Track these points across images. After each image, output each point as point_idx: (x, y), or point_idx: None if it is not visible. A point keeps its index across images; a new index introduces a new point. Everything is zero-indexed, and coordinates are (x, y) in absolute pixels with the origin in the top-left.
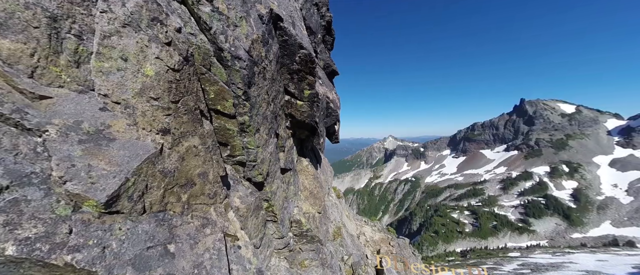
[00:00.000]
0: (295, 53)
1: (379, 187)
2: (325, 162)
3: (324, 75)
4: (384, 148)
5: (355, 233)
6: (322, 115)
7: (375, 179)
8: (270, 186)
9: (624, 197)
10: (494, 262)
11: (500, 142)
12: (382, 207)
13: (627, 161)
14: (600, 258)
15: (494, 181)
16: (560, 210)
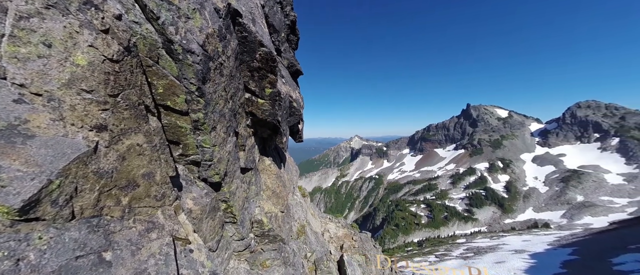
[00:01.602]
0: (255, 50)
1: (345, 185)
2: (290, 161)
3: (288, 74)
4: (351, 147)
5: (319, 230)
6: (284, 114)
7: (342, 178)
8: (228, 186)
9: (542, 187)
10: (445, 249)
11: (451, 141)
12: (348, 204)
13: (544, 158)
14: (525, 238)
15: (445, 177)
16: (496, 200)
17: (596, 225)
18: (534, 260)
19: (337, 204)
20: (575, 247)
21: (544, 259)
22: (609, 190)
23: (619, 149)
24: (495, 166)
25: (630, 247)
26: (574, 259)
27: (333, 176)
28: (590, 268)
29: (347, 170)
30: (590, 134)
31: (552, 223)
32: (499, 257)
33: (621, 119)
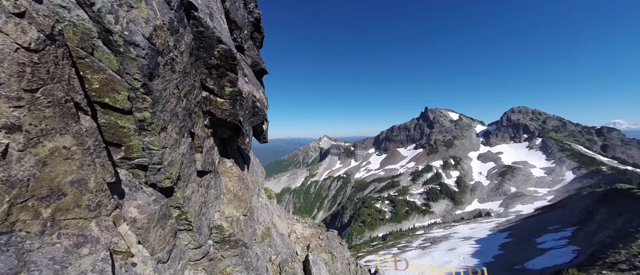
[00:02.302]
0: (213, 47)
1: (314, 184)
2: (255, 162)
3: (251, 73)
4: (320, 147)
5: (286, 232)
6: (247, 114)
7: (311, 178)
8: (182, 191)
9: (485, 181)
10: (406, 241)
11: (411, 141)
12: (318, 204)
13: (487, 155)
14: (472, 226)
15: (406, 174)
16: (449, 194)
17: (525, 211)
18: (479, 245)
19: (306, 204)
20: (509, 231)
21: (486, 243)
22: (534, 181)
23: (541, 147)
24: (448, 163)
25: (549, 228)
26: (508, 241)
27: (302, 176)
28: (521, 248)
29: (316, 170)
30: (520, 134)
31: (492, 212)
32: (451, 245)
33: (543, 123)
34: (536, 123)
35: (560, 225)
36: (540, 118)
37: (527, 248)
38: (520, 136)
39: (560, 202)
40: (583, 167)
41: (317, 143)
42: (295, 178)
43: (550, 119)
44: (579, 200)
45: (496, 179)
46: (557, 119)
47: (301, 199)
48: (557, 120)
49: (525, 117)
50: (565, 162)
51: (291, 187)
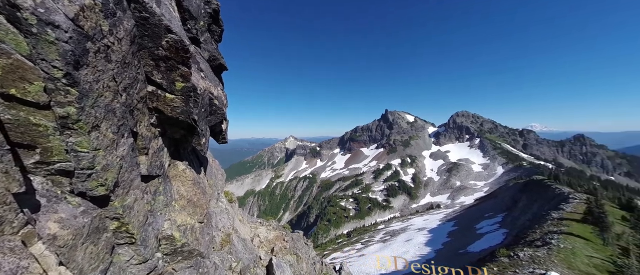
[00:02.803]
0: (160, 36)
1: (280, 186)
2: (214, 164)
3: (208, 68)
4: (286, 148)
5: (248, 236)
6: (203, 112)
7: (277, 179)
8: (121, 200)
9: (436, 176)
10: (369, 236)
11: (373, 142)
12: (283, 205)
13: (437, 154)
14: (425, 218)
15: (369, 172)
16: (406, 189)
17: (467, 202)
18: (431, 234)
19: (272, 206)
20: (455, 220)
21: (437, 232)
22: (474, 176)
23: (479, 146)
24: (405, 162)
25: (485, 215)
26: (454, 229)
27: (267, 178)
28: (464, 234)
29: (281, 171)
30: (464, 135)
31: (442, 204)
32: (408, 236)
33: (480, 125)
34: (475, 125)
35: (493, 212)
36: (479, 121)
37: (468, 234)
38: (463, 136)
39: (493, 193)
40: (510, 162)
41: (282, 143)
42: (259, 180)
43: (486, 122)
44: (507, 191)
45: (445, 174)
46: (491, 122)
47: (266, 201)
48: (490, 123)
49: (467, 120)
50: (497, 158)
51: (255, 189)
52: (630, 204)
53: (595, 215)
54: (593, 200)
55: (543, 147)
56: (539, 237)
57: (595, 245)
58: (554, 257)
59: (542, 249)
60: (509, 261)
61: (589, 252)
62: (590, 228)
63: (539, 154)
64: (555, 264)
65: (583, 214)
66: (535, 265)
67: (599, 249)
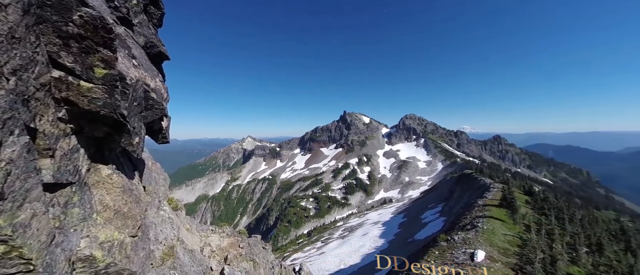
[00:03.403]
0: (70, 9)
1: (237, 189)
2: (155, 168)
3: (144, 56)
4: (243, 148)
5: (198, 247)
6: (136, 106)
7: (233, 181)
8: (9, 216)
9: (388, 173)
10: (329, 233)
11: (333, 142)
12: (241, 209)
13: (389, 153)
14: (379, 212)
15: (328, 172)
16: (362, 186)
17: (414, 195)
18: (384, 227)
19: (228, 210)
20: (405, 213)
21: (389, 224)
22: (420, 172)
23: (424, 145)
24: (362, 161)
25: (429, 206)
26: (404, 220)
27: (223, 181)
28: (412, 224)
29: (239, 173)
30: (411, 136)
31: (394, 198)
32: (364, 230)
33: (425, 127)
34: (421, 127)
35: (435, 203)
36: (423, 123)
37: (415, 224)
38: (411, 137)
39: (434, 186)
40: (448, 159)
41: (240, 144)
42: (214, 183)
43: (429, 124)
44: (445, 184)
45: (396, 171)
46: (433, 124)
47: (222, 206)
48: (433, 125)
49: (414, 122)
50: (438, 156)
51: (209, 194)
52: (531, 190)
53: (507, 201)
54: (506, 189)
55: (472, 146)
56: (469, 222)
57: (508, 224)
58: (480, 237)
59: (472, 231)
60: (447, 245)
61: (504, 231)
62: (504, 211)
63: (469, 152)
64: (481, 243)
65: (499, 200)
66: (466, 246)
67: (510, 228)
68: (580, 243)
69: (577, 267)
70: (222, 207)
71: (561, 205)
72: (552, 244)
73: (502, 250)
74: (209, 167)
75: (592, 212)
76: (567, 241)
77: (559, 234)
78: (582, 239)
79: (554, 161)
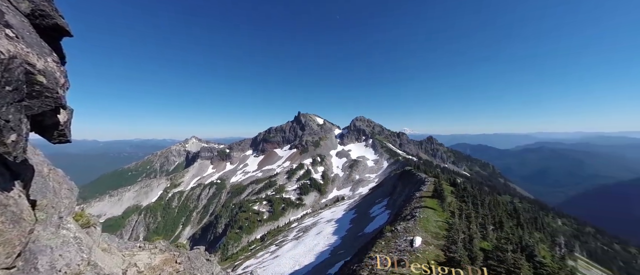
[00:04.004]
0: None
1: (178, 196)
2: (56, 176)
3: (27, 27)
4: (186, 150)
5: (119, 269)
6: (9, 92)
7: (174, 188)
8: None
9: (341, 172)
10: (283, 236)
11: (287, 142)
12: (183, 219)
13: (342, 153)
14: (332, 210)
15: (283, 173)
16: (316, 186)
17: (364, 192)
18: (337, 224)
19: (167, 221)
20: (355, 209)
21: (341, 221)
22: (369, 170)
23: (372, 145)
24: (316, 161)
25: (376, 201)
26: (355, 216)
27: (160, 188)
28: (362, 219)
29: (180, 179)
30: (361, 136)
31: (346, 196)
32: (319, 229)
33: (373, 128)
34: (369, 128)
35: (381, 198)
36: (371, 125)
37: (365, 218)
38: (361, 138)
39: (381, 183)
40: (392, 158)
41: (182, 146)
42: (148, 192)
43: (376, 126)
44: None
45: (347, 170)
46: (379, 126)
47: (159, 216)
48: (379, 127)
49: (364, 124)
50: (384, 155)
51: (142, 204)
52: (455, 182)
53: (438, 192)
54: (437, 182)
55: (411, 145)
56: (409, 213)
57: (438, 212)
58: (417, 225)
59: (411, 221)
60: (391, 235)
61: (436, 218)
62: (436, 201)
63: (408, 151)
64: (419, 230)
65: (432, 192)
66: (407, 235)
67: (440, 215)
68: (488, 222)
69: (486, 242)
70: (159, 219)
71: (475, 193)
72: (469, 225)
73: (434, 234)
74: (142, 173)
75: (495, 197)
76: (479, 222)
77: (474, 217)
78: (489, 219)
79: (470, 157)
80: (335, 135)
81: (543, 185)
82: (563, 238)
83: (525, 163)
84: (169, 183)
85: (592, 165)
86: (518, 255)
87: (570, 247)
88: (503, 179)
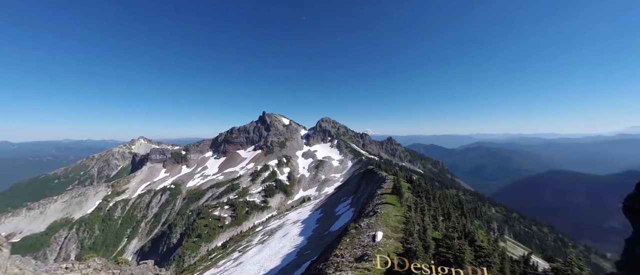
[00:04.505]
0: None
1: (122, 205)
2: None
3: None
4: (132, 153)
5: None
6: None
7: (116, 196)
8: None
9: (307, 173)
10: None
11: (251, 143)
12: (128, 231)
13: (308, 153)
14: (299, 211)
15: (246, 175)
16: (282, 187)
17: (329, 191)
18: (304, 224)
19: (108, 235)
20: (322, 208)
21: (308, 221)
22: (334, 169)
23: (337, 146)
24: (282, 162)
25: (341, 200)
26: (321, 215)
27: (98, 197)
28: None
29: (125, 185)
30: (327, 137)
31: (312, 196)
32: (285, 231)
33: (338, 129)
34: (334, 129)
35: (346, 196)
36: (337, 126)
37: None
38: (326, 138)
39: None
40: (356, 157)
41: (127, 148)
42: (82, 201)
43: (341, 127)
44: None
45: (313, 170)
46: (344, 127)
47: (96, 230)
48: (344, 128)
49: (329, 125)
50: (348, 155)
51: (74, 217)
52: (411, 179)
53: (397, 188)
54: (396, 179)
55: (373, 145)
56: (372, 209)
57: (397, 207)
58: (379, 221)
59: (373, 217)
60: (355, 231)
61: (395, 213)
62: (395, 197)
63: (371, 150)
64: (380, 225)
65: (392, 188)
66: (370, 230)
67: (399, 209)
68: (439, 214)
69: (437, 232)
70: (97, 233)
71: (428, 188)
72: (423, 218)
73: (394, 228)
74: (73, 180)
75: (444, 191)
76: (431, 214)
77: (427, 210)
78: (439, 211)
79: (424, 156)
80: (302, 136)
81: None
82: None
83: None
84: (110, 190)
85: (517, 161)
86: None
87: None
88: (450, 174)
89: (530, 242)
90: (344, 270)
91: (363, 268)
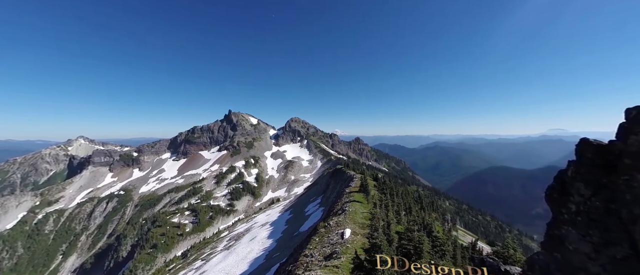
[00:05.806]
0: None
1: (55, 217)
2: None
3: None
4: (69, 155)
5: None
6: None
7: (47, 206)
8: None
9: (276, 174)
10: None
11: (215, 143)
12: (64, 247)
13: (277, 153)
14: (267, 213)
15: (210, 177)
16: (250, 190)
17: (299, 192)
18: (272, 227)
19: (35, 253)
20: (291, 209)
21: (277, 223)
22: (304, 170)
23: (307, 146)
24: (249, 163)
25: (311, 200)
26: (291, 216)
27: (22, 208)
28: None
29: (59, 193)
30: (296, 137)
31: (281, 197)
32: (252, 235)
33: (307, 129)
34: (304, 129)
35: (315, 196)
36: (306, 126)
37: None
38: (296, 138)
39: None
40: (325, 157)
41: (61, 149)
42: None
43: (311, 127)
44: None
45: (283, 171)
46: (314, 127)
47: (19, 248)
48: (314, 128)
49: (299, 125)
50: (318, 155)
51: None
52: (377, 177)
53: (364, 187)
54: (363, 178)
55: (342, 145)
56: (340, 207)
57: (364, 204)
58: (347, 218)
59: (342, 215)
60: (325, 230)
61: (362, 210)
62: (362, 195)
63: (340, 150)
64: (348, 223)
65: (359, 186)
66: (339, 228)
67: (366, 207)
68: (401, 209)
69: (400, 225)
70: (20, 251)
71: (392, 185)
72: (387, 213)
73: (361, 225)
74: None
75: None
76: (395, 209)
77: (391, 205)
78: (402, 206)
79: (388, 155)
80: (271, 136)
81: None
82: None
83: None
84: (39, 200)
85: (466, 159)
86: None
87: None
88: (411, 172)
89: (476, 230)
90: (314, 269)
91: (332, 266)
